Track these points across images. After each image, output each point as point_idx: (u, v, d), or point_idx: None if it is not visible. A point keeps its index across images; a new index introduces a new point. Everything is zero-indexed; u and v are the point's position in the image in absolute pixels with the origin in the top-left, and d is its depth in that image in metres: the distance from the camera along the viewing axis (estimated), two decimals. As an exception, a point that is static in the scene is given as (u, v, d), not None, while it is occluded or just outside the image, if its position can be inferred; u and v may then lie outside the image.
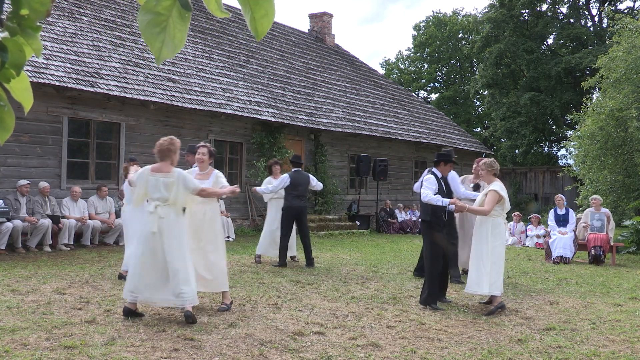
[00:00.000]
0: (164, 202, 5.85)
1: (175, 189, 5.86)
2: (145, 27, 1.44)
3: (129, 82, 13.46)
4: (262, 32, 1.47)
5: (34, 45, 1.47)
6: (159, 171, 5.93)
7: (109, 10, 16.32)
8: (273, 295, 7.39)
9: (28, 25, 1.44)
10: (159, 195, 5.86)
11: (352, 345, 5.21)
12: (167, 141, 6.04)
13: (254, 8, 1.45)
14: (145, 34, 1.44)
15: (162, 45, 1.46)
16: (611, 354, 5.21)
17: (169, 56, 1.47)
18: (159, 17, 1.45)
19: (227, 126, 16.09)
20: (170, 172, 5.92)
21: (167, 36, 1.46)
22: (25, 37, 1.45)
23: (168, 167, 5.95)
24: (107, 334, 5.26)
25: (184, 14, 1.46)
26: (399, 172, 22.38)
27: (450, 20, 45.68)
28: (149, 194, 5.93)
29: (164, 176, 5.89)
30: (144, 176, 5.95)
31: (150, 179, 5.90)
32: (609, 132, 16.06)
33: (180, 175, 5.92)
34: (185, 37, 1.48)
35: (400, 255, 12.70)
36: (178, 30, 1.47)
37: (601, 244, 12.10)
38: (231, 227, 14.56)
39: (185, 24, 1.47)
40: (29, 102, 1.56)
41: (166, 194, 5.85)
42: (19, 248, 10.76)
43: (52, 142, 12.32)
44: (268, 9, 1.45)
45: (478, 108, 45.88)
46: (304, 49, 24.02)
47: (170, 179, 5.88)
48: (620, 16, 18.17)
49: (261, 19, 1.46)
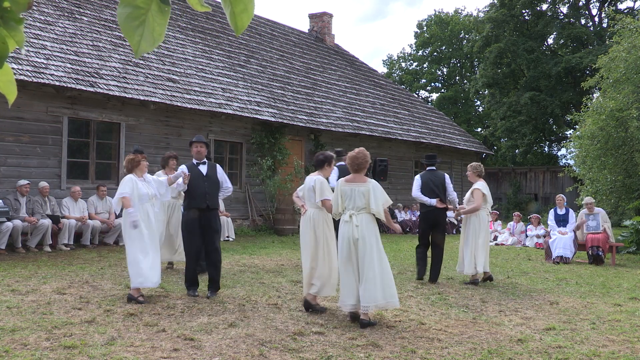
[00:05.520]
0: (359, 211, 6.13)
1: (372, 197, 6.17)
2: (124, 21, 1.44)
3: (129, 82, 13.46)
4: (241, 27, 1.48)
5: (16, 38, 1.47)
6: (353, 181, 6.23)
7: (109, 10, 16.32)
8: (273, 295, 7.38)
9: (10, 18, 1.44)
10: (353, 204, 6.14)
11: (352, 345, 5.21)
12: (361, 153, 6.35)
13: (234, 3, 1.46)
14: (124, 27, 1.45)
15: (140, 38, 1.46)
16: (611, 354, 5.21)
17: (147, 49, 1.47)
18: (137, 11, 1.45)
19: (227, 126, 16.10)
20: (366, 182, 6.22)
21: (146, 30, 1.46)
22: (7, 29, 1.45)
23: (363, 178, 6.28)
24: (107, 334, 5.26)
25: (164, 7, 1.46)
26: (399, 172, 22.38)
27: (452, 19, 45.69)
28: (344, 203, 6.21)
29: (360, 186, 6.18)
30: (339, 186, 6.26)
31: (346, 189, 6.19)
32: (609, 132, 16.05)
33: (375, 185, 6.23)
34: (165, 30, 1.49)
35: (400, 255, 12.70)
36: (157, 24, 1.47)
37: (599, 244, 12.11)
38: (231, 227, 14.56)
39: (164, 18, 1.47)
40: (12, 94, 1.56)
41: (361, 202, 6.13)
42: (19, 248, 10.76)
43: (52, 142, 12.32)
44: (247, 3, 1.46)
45: (478, 108, 45.88)
46: (304, 49, 24.02)
47: (365, 188, 6.17)
48: (620, 16, 18.17)
49: (240, 14, 1.47)
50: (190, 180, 7.28)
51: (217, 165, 7.63)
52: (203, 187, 7.26)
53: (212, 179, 7.40)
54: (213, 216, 7.32)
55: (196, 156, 7.50)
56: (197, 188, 7.25)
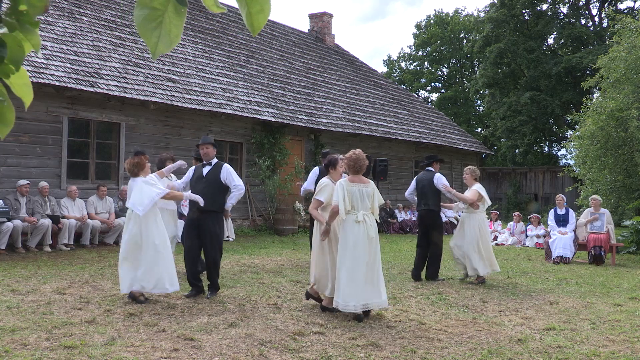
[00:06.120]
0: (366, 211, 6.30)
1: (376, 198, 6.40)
2: (141, 22, 1.45)
3: (129, 82, 13.46)
4: (257, 27, 1.48)
5: (32, 41, 1.47)
6: (358, 182, 6.35)
7: (109, 10, 16.32)
8: (273, 295, 7.38)
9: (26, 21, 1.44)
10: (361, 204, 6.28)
11: (352, 345, 5.21)
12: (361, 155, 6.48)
13: (250, 4, 1.46)
14: (141, 29, 1.45)
15: (158, 40, 1.47)
16: (611, 354, 5.21)
17: (164, 51, 1.48)
18: (154, 12, 1.45)
19: (227, 126, 16.10)
20: (369, 183, 6.43)
21: (163, 31, 1.47)
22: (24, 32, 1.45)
23: (364, 179, 6.43)
24: (107, 334, 5.26)
25: (180, 9, 1.47)
26: (399, 172, 22.38)
27: (452, 20, 45.70)
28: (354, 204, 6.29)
29: (365, 187, 6.34)
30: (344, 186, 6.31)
31: (354, 190, 6.28)
32: (609, 132, 16.05)
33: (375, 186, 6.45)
34: (181, 32, 1.49)
35: (400, 255, 12.71)
36: (174, 26, 1.47)
37: (601, 244, 12.11)
38: (231, 227, 14.56)
39: (181, 19, 1.47)
40: (29, 97, 1.57)
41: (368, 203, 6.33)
42: (19, 248, 10.77)
43: (52, 142, 12.32)
44: (264, 4, 1.47)
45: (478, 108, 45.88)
46: (304, 49, 24.02)
47: (370, 189, 6.38)
48: (620, 16, 18.16)
49: (257, 15, 1.47)
50: (192, 181, 7.35)
51: (223, 166, 7.41)
52: (198, 189, 7.23)
53: (210, 181, 7.27)
54: (209, 218, 7.18)
55: (203, 158, 7.50)
56: (194, 189, 7.27)
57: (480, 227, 9.09)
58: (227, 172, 7.36)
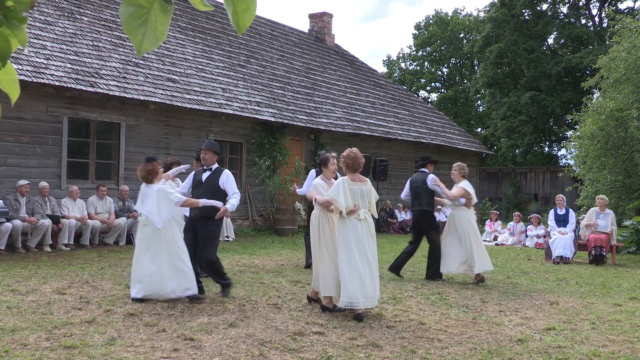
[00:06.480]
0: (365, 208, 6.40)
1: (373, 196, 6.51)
2: (126, 19, 1.45)
3: (129, 82, 13.46)
4: (243, 26, 1.48)
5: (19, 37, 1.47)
6: (358, 181, 6.45)
7: (109, 10, 16.32)
8: (273, 295, 7.38)
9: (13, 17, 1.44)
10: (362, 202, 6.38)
11: (352, 345, 5.21)
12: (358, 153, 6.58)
13: (236, 2, 1.46)
14: (126, 26, 1.45)
15: (143, 37, 1.46)
16: (611, 354, 5.21)
17: (150, 49, 1.48)
18: (140, 10, 1.45)
19: (227, 126, 16.10)
20: (367, 182, 6.54)
21: (149, 29, 1.46)
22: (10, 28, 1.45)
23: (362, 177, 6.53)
24: (107, 334, 5.26)
25: (166, 6, 1.47)
26: (399, 172, 22.37)
27: (452, 20, 45.70)
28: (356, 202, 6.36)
29: (364, 185, 6.45)
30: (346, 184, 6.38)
31: (355, 189, 6.37)
32: (609, 132, 16.05)
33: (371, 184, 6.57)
34: (167, 29, 1.49)
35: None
36: (160, 23, 1.47)
37: (602, 244, 12.10)
38: (231, 227, 14.56)
39: (167, 17, 1.47)
40: (15, 93, 1.57)
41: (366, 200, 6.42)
42: (19, 248, 10.77)
43: (52, 142, 12.32)
44: (249, 3, 1.47)
45: (478, 108, 45.89)
46: (304, 49, 24.02)
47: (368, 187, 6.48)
48: (620, 16, 18.16)
49: (243, 13, 1.47)
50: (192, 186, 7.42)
51: (223, 172, 7.34)
52: (197, 194, 7.23)
53: (208, 187, 7.22)
54: (204, 223, 7.13)
55: (202, 162, 7.48)
56: (192, 195, 7.30)
57: (471, 224, 9.05)
58: (226, 178, 7.30)
